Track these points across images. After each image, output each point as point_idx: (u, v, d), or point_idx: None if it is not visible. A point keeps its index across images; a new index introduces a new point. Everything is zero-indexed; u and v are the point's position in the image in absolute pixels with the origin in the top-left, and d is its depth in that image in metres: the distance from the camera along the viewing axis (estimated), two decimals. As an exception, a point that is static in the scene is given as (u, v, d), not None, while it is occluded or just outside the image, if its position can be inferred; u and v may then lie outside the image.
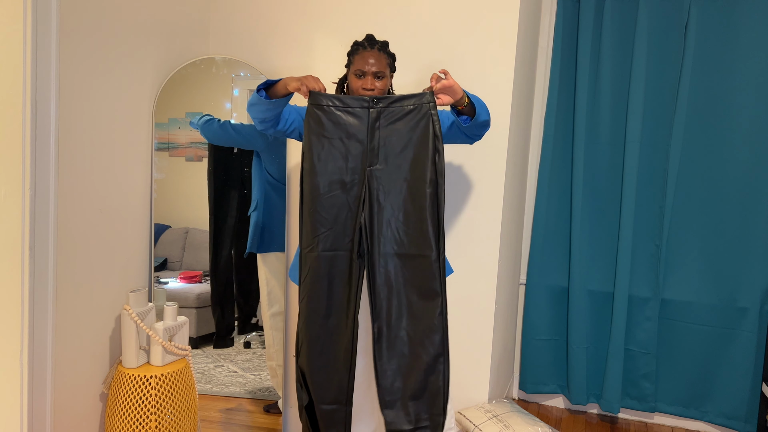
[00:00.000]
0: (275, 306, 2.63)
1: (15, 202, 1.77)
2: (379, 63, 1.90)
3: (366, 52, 1.91)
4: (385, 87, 1.94)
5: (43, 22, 1.80)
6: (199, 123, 2.47)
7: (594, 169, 2.90)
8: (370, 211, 1.81)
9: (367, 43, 1.93)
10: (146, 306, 2.14)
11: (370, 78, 1.90)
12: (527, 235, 3.09)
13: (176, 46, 2.47)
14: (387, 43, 1.97)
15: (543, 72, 3.01)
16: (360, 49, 1.93)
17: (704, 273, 2.79)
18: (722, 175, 2.73)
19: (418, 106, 1.80)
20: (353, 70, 1.93)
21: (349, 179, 1.82)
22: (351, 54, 1.96)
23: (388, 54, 1.95)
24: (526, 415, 2.44)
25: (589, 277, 2.94)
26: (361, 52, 1.92)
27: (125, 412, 2.03)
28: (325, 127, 1.82)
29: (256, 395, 2.71)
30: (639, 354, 2.87)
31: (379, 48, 1.92)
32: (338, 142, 1.82)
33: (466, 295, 2.47)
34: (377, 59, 1.90)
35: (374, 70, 1.90)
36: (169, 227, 2.52)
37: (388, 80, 1.95)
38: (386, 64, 1.93)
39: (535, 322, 3.03)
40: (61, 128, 1.91)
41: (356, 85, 1.93)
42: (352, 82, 1.94)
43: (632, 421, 3.00)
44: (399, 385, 1.84)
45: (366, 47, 1.92)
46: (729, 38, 2.67)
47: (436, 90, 1.78)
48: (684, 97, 2.72)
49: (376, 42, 1.94)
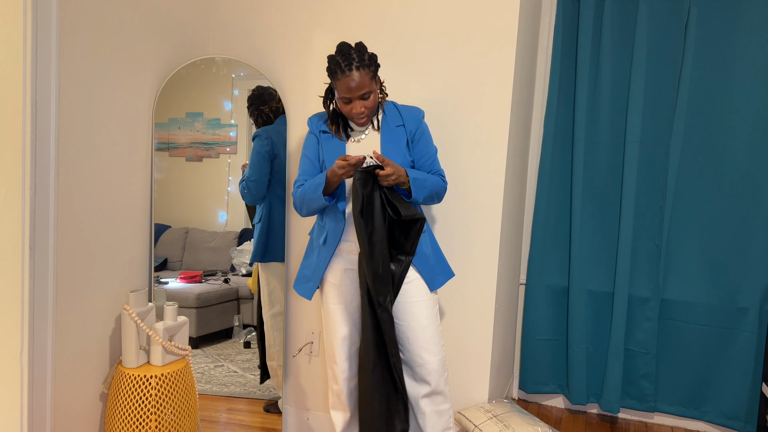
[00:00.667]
0: (276, 306, 2.63)
1: (15, 202, 1.77)
2: (361, 84, 1.87)
3: (345, 77, 1.86)
4: (374, 102, 1.95)
5: (43, 22, 1.80)
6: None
7: (594, 169, 2.90)
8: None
9: (344, 65, 1.85)
10: (146, 306, 2.14)
11: (358, 102, 1.91)
12: (527, 235, 3.09)
13: (176, 46, 2.47)
14: (363, 50, 1.89)
15: (543, 72, 3.01)
16: (338, 73, 1.87)
17: (704, 273, 2.79)
18: (722, 174, 2.73)
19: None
20: (339, 95, 1.92)
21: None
22: (330, 75, 1.91)
23: (367, 65, 1.88)
24: (526, 415, 2.44)
25: (588, 276, 2.94)
26: (341, 78, 1.86)
27: (125, 412, 2.03)
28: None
29: (256, 395, 2.71)
30: (639, 354, 2.87)
31: (356, 66, 1.85)
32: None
33: (466, 295, 2.47)
34: (359, 80, 1.86)
35: (359, 94, 1.89)
36: (169, 227, 2.52)
37: (375, 93, 1.94)
38: (369, 79, 1.89)
39: (535, 322, 3.03)
40: (61, 128, 1.91)
41: (346, 111, 1.94)
42: (342, 108, 1.95)
43: (632, 421, 3.00)
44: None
45: (344, 70, 1.85)
46: (729, 38, 2.67)
47: (381, 173, 1.86)
48: (684, 97, 2.72)
49: (353, 59, 1.86)
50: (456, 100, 2.41)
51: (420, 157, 2.07)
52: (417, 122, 2.07)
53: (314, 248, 2.13)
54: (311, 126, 2.12)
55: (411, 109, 2.10)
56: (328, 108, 2.05)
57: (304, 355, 2.67)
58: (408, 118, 2.06)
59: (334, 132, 2.04)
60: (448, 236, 2.47)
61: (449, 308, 2.50)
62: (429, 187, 2.00)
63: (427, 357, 2.01)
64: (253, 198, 2.56)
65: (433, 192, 2.02)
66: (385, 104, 2.08)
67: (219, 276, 2.68)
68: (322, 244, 2.06)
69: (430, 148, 2.09)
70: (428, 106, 2.40)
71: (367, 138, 2.05)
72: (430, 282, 2.06)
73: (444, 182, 2.08)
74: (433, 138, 2.18)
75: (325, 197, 1.94)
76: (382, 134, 2.03)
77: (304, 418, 2.69)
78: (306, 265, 2.14)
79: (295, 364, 2.69)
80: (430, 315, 2.04)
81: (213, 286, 2.65)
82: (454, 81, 2.41)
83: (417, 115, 2.08)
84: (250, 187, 2.54)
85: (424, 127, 2.09)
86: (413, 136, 2.05)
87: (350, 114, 1.94)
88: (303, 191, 2.01)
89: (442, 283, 2.11)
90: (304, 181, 2.06)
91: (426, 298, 2.05)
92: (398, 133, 2.03)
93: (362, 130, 2.05)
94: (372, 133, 2.05)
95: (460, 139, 2.42)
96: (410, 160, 2.05)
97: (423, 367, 2.01)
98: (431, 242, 2.12)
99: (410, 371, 2.06)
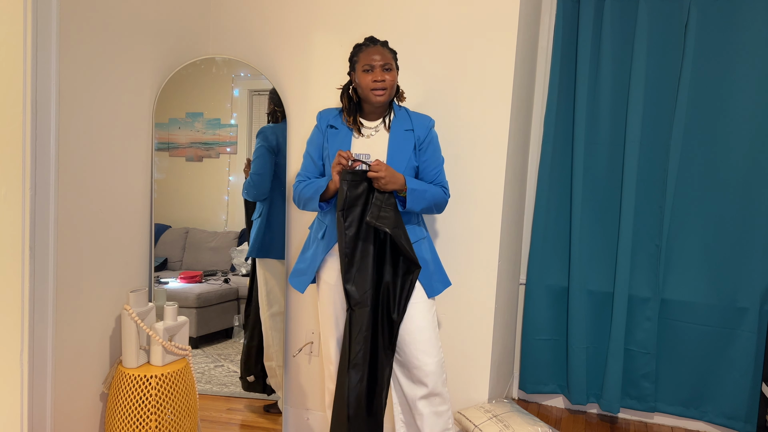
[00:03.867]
0: (275, 306, 2.63)
1: (15, 202, 1.77)
2: (384, 57, 1.99)
3: (370, 48, 2.01)
4: (394, 80, 2.01)
5: (43, 22, 1.80)
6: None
7: (594, 169, 2.90)
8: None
9: (369, 42, 2.03)
10: (146, 306, 2.14)
11: (379, 70, 1.97)
12: (527, 235, 3.09)
13: (176, 46, 2.47)
14: (387, 42, 2.06)
15: (543, 72, 3.01)
16: (363, 48, 2.03)
17: (704, 273, 2.79)
18: (722, 174, 2.73)
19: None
20: (361, 65, 1.99)
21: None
22: (354, 54, 2.04)
23: (392, 51, 2.04)
24: (526, 415, 2.44)
25: (588, 277, 2.94)
26: (365, 50, 2.01)
27: (125, 412, 2.03)
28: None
29: (256, 395, 2.71)
30: (639, 354, 2.87)
31: (382, 44, 2.03)
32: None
33: (466, 295, 2.47)
34: (382, 54, 1.99)
35: (381, 63, 1.98)
36: (169, 227, 2.52)
37: (395, 73, 2.02)
38: (391, 57, 2.02)
39: (535, 322, 3.03)
40: (61, 128, 1.91)
41: (366, 80, 1.98)
42: (362, 78, 1.99)
43: (632, 421, 3.00)
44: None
45: (369, 45, 2.03)
46: (729, 38, 2.67)
47: (370, 175, 1.91)
48: (684, 97, 2.72)
49: (379, 41, 2.05)
50: (456, 100, 2.41)
51: (426, 166, 2.09)
52: (426, 130, 2.09)
53: (312, 242, 2.15)
54: (319, 120, 2.14)
55: (422, 117, 2.12)
56: (344, 99, 2.09)
57: (304, 355, 2.67)
58: (418, 125, 2.09)
59: (351, 123, 2.07)
60: (449, 236, 2.47)
61: (449, 308, 2.50)
62: (428, 198, 2.01)
63: (424, 359, 2.01)
64: (258, 192, 2.57)
65: (432, 203, 2.04)
66: (398, 108, 2.11)
67: (219, 276, 2.68)
68: (320, 238, 2.09)
69: (437, 158, 2.11)
70: (428, 106, 2.40)
71: (376, 136, 2.06)
72: (428, 288, 2.07)
73: (446, 194, 2.10)
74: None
75: (320, 203, 2.00)
76: (391, 135, 2.05)
77: (303, 418, 2.69)
78: (302, 259, 2.16)
79: (295, 364, 2.69)
80: (426, 317, 2.04)
81: (213, 286, 2.65)
82: (454, 81, 2.41)
83: (427, 123, 2.11)
84: (255, 181, 2.55)
85: (433, 136, 2.11)
86: (421, 144, 2.07)
87: (369, 84, 1.97)
88: (302, 190, 2.06)
89: (440, 290, 2.12)
90: (305, 177, 2.12)
91: (423, 300, 2.05)
92: (406, 136, 2.06)
93: (372, 128, 2.07)
94: (381, 132, 2.07)
95: (460, 139, 2.42)
96: (415, 165, 2.07)
97: (420, 369, 2.01)
98: (431, 250, 2.13)
99: (407, 373, 2.06)
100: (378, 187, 1.92)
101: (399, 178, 1.94)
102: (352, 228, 1.92)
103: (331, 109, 2.16)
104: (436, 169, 2.10)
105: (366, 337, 1.95)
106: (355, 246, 1.94)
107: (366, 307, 1.95)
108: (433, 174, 2.09)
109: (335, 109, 2.15)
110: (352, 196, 1.91)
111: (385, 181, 1.90)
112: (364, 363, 1.96)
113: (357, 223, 1.93)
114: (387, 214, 1.91)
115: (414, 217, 2.09)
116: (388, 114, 2.07)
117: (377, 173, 1.89)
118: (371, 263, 1.96)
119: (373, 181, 1.92)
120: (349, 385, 1.95)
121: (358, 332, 1.95)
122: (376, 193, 1.93)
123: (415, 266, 1.96)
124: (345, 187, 1.91)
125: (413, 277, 1.97)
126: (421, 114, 2.14)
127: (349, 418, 1.97)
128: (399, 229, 1.91)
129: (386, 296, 1.98)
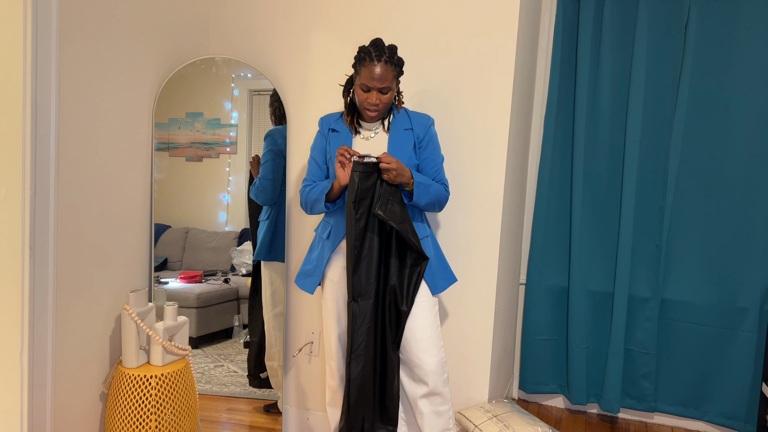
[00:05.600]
0: (279, 306, 2.63)
1: (15, 202, 1.77)
2: (384, 77, 1.93)
3: (372, 65, 1.92)
4: (389, 100, 1.99)
5: (43, 22, 1.80)
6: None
7: (594, 169, 2.90)
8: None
9: (374, 54, 1.92)
10: (146, 306, 2.14)
11: (375, 93, 1.95)
12: (527, 235, 3.09)
13: (176, 46, 2.47)
14: (394, 50, 1.97)
15: (543, 72, 3.01)
16: (366, 60, 1.93)
17: (704, 273, 2.79)
18: (722, 174, 2.73)
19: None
20: (359, 82, 1.97)
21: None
22: (357, 62, 1.97)
23: (395, 64, 1.96)
24: (526, 415, 2.44)
25: (588, 277, 2.94)
26: (368, 65, 1.93)
27: (125, 412, 2.03)
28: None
29: (256, 395, 2.71)
30: (639, 354, 2.87)
31: (386, 60, 1.93)
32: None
33: (466, 295, 2.47)
34: (383, 73, 1.93)
35: (379, 86, 1.94)
36: (169, 227, 2.52)
37: (393, 92, 2.00)
38: (392, 76, 1.96)
39: (535, 321, 3.03)
40: (61, 128, 1.91)
41: (361, 99, 1.98)
42: (358, 95, 1.99)
43: (632, 421, 3.00)
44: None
45: (372, 59, 1.92)
46: (729, 38, 2.67)
47: (381, 167, 1.91)
48: (684, 97, 2.72)
49: (384, 52, 1.93)
50: (456, 100, 2.41)
51: (426, 164, 2.09)
52: (425, 128, 2.09)
53: (317, 243, 2.15)
54: (321, 125, 2.15)
55: (421, 116, 2.13)
56: (345, 98, 2.09)
57: (304, 355, 2.67)
58: (417, 123, 2.09)
59: (348, 123, 2.08)
60: (449, 236, 2.47)
61: (449, 308, 2.50)
62: (432, 193, 2.02)
63: (425, 358, 2.01)
64: (267, 197, 2.56)
65: (435, 199, 2.04)
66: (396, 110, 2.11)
67: (219, 276, 2.68)
68: (326, 238, 2.10)
69: (436, 156, 2.11)
70: (428, 106, 2.40)
71: (376, 137, 2.08)
72: (432, 285, 2.08)
73: (447, 192, 2.10)
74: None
75: (326, 203, 2.00)
76: (390, 135, 2.06)
77: (304, 418, 2.69)
78: (308, 260, 2.17)
79: (296, 363, 2.69)
80: (428, 316, 2.04)
81: (213, 286, 2.65)
82: (454, 81, 2.41)
83: (426, 122, 2.11)
84: (265, 186, 2.54)
85: (432, 134, 2.11)
86: (421, 142, 2.08)
87: (363, 103, 1.98)
88: (308, 193, 2.07)
89: (444, 287, 2.12)
90: (310, 181, 2.12)
91: (425, 299, 2.05)
92: (406, 136, 2.06)
93: (372, 129, 2.08)
94: (381, 134, 2.08)
95: (461, 139, 2.42)
96: (415, 163, 2.07)
97: (421, 368, 2.01)
98: (434, 247, 2.14)
99: (409, 371, 2.06)
100: (387, 179, 1.92)
101: (407, 171, 1.95)
102: (362, 220, 1.94)
103: (332, 114, 2.16)
104: (437, 166, 2.10)
105: (370, 328, 1.97)
106: (363, 237, 1.96)
107: (370, 299, 1.97)
108: (433, 171, 2.09)
109: (336, 114, 2.15)
110: (363, 188, 1.92)
111: (395, 173, 1.90)
112: (366, 354, 1.97)
113: (366, 215, 1.94)
114: (394, 208, 1.92)
115: (417, 214, 2.09)
116: (387, 116, 2.08)
117: (389, 164, 1.89)
118: (377, 255, 1.97)
119: (383, 173, 1.92)
120: (350, 375, 1.97)
121: (361, 324, 1.96)
122: (384, 185, 1.94)
123: (423, 258, 1.97)
124: (356, 178, 1.91)
125: (421, 268, 1.98)
126: (420, 113, 2.14)
127: (349, 407, 1.98)
128: (405, 223, 1.93)
129: (393, 289, 1.99)
